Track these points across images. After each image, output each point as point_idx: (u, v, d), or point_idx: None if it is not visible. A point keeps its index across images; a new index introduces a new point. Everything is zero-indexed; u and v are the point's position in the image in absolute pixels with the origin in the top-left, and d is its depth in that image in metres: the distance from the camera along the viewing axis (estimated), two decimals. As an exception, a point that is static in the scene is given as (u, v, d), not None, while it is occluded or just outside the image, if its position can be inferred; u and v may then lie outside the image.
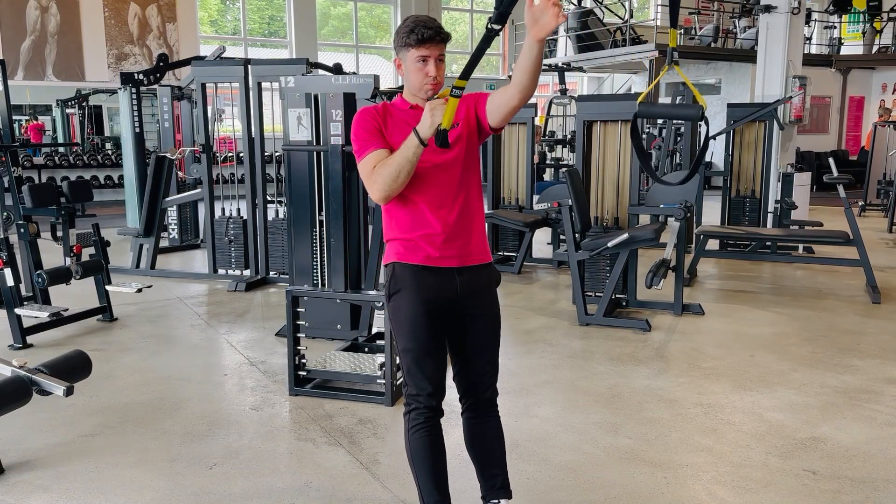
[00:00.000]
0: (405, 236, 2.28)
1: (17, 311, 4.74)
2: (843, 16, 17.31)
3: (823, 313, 5.65)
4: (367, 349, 4.34)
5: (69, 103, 14.39)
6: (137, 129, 8.77)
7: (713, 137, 8.97)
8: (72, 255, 5.25)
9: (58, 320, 5.02)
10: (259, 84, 6.45)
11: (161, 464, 3.12)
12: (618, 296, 5.67)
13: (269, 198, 7.17)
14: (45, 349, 4.70)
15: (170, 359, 4.57)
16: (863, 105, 18.91)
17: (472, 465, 2.48)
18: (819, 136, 18.18)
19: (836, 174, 6.52)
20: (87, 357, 3.06)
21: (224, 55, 7.98)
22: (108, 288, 5.38)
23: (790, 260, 7.46)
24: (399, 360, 2.36)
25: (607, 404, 3.78)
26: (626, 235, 5.07)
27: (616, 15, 16.10)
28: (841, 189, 6.42)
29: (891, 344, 4.85)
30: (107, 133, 15.25)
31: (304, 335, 4.03)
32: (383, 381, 3.77)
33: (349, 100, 3.87)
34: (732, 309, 5.80)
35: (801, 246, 8.09)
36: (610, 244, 5.11)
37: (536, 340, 4.94)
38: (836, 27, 17.77)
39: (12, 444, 3.31)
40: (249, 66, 6.47)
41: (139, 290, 5.39)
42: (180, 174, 8.97)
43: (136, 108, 8.69)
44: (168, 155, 7.11)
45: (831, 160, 7.26)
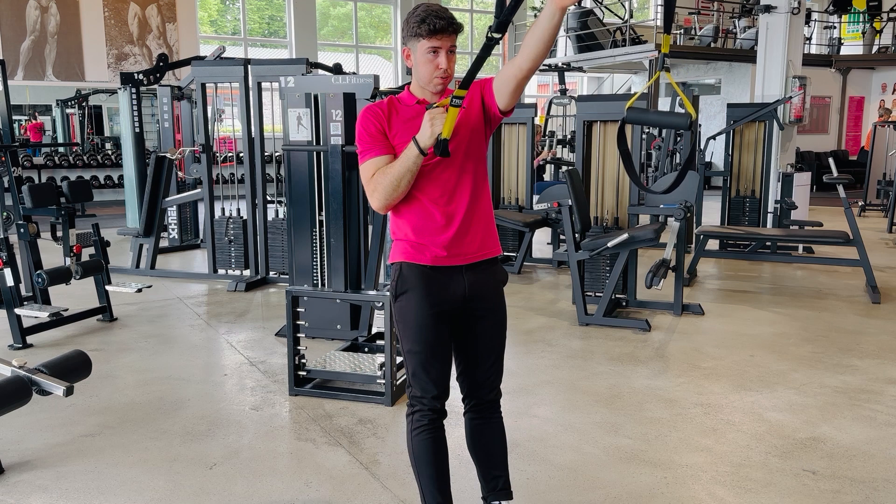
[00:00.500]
0: (413, 236, 2.23)
1: (17, 311, 4.74)
2: (843, 16, 17.32)
3: (823, 313, 5.65)
4: (367, 349, 4.34)
5: (69, 103, 14.39)
6: (137, 129, 8.76)
7: (713, 137, 9.03)
8: (72, 255, 5.25)
9: (58, 320, 5.02)
10: (259, 84, 6.45)
11: (161, 464, 3.12)
12: (618, 296, 5.67)
13: (269, 198, 7.17)
14: (44, 349, 4.70)
15: (170, 359, 4.57)
16: (863, 105, 18.92)
17: (472, 466, 2.48)
18: (819, 136, 18.19)
19: (835, 174, 6.52)
20: (86, 357, 3.06)
21: (224, 55, 7.99)
22: (107, 288, 5.38)
23: (790, 260, 7.46)
24: (404, 360, 2.34)
25: (607, 404, 3.78)
26: (626, 235, 5.07)
27: (616, 15, 16.11)
28: (841, 189, 6.42)
29: (891, 344, 4.85)
30: (107, 133, 15.24)
31: (304, 335, 4.02)
32: (383, 381, 3.77)
33: (349, 100, 3.87)
34: (732, 309, 5.80)
35: (800, 246, 8.09)
36: (610, 244, 5.11)
37: (536, 340, 4.94)
38: (835, 27, 17.78)
39: (12, 444, 3.31)
40: (249, 66, 6.47)
41: (139, 290, 5.39)
42: (180, 174, 8.97)
43: (135, 108, 8.69)
44: (168, 155, 7.11)
45: (831, 160, 7.26)
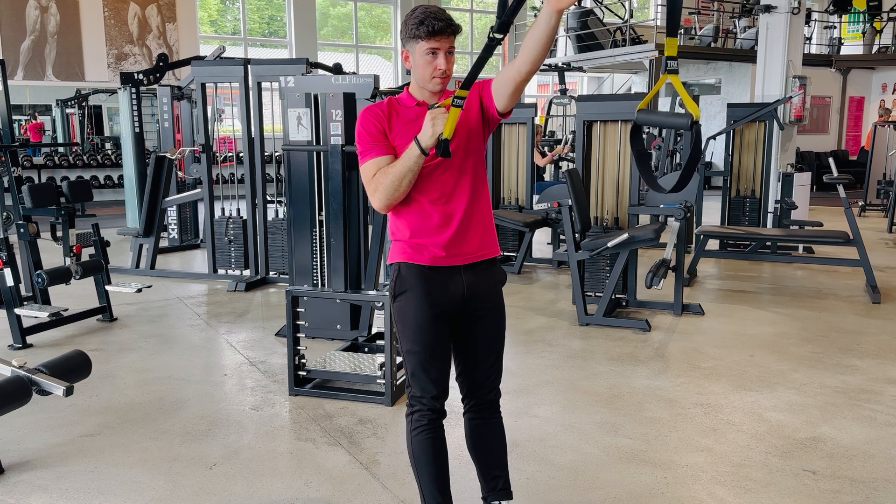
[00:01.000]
0: (412, 237, 2.24)
1: (17, 311, 4.74)
2: (843, 16, 17.32)
3: (823, 313, 5.65)
4: (366, 349, 4.34)
5: (69, 103, 14.39)
6: (137, 129, 8.76)
7: (713, 137, 9.03)
8: (72, 255, 5.25)
9: (57, 320, 5.02)
10: (259, 84, 6.45)
11: (161, 464, 3.12)
12: (618, 296, 5.67)
13: (269, 198, 7.17)
14: (44, 349, 4.70)
15: (170, 359, 4.57)
16: (863, 105, 18.91)
17: (472, 466, 2.48)
18: (819, 136, 18.18)
19: (836, 174, 6.52)
20: (86, 357, 3.06)
21: (224, 55, 7.99)
22: (107, 288, 5.38)
23: (790, 260, 7.46)
24: (403, 361, 2.34)
25: (607, 404, 3.78)
26: (626, 235, 5.07)
27: (616, 15, 16.10)
28: (841, 189, 6.42)
29: (891, 344, 4.85)
30: (107, 133, 15.24)
31: (304, 335, 4.02)
32: (383, 381, 3.77)
33: (349, 100, 3.87)
34: (732, 309, 5.80)
35: (801, 246, 8.09)
36: (610, 244, 5.11)
37: (536, 340, 4.94)
38: (836, 27, 17.78)
39: (12, 444, 3.31)
40: (249, 66, 6.47)
41: (139, 290, 5.39)
42: (180, 174, 8.97)
43: (135, 108, 8.69)
44: (168, 155, 7.11)
45: (831, 160, 7.26)
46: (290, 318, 3.88)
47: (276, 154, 10.68)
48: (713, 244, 7.73)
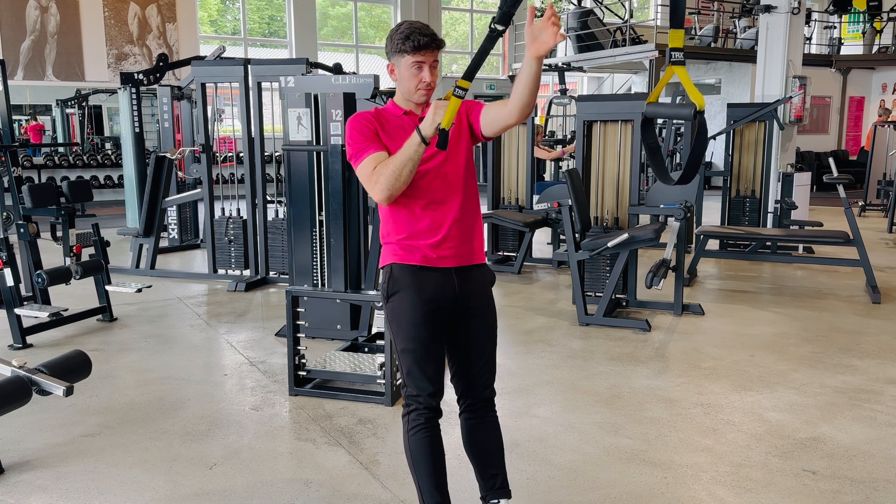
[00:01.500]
0: (402, 238, 2.28)
1: (17, 311, 4.74)
2: (843, 16, 17.32)
3: (823, 313, 5.65)
4: (366, 349, 4.34)
5: (69, 103, 14.39)
6: (137, 129, 8.76)
7: (713, 137, 9.02)
8: (72, 255, 5.25)
9: (57, 320, 5.02)
10: (259, 84, 6.45)
11: (161, 464, 3.12)
12: (618, 296, 5.67)
13: (269, 198, 7.17)
14: (44, 349, 4.70)
15: (170, 359, 4.57)
16: (863, 105, 18.91)
17: (471, 466, 2.48)
18: (819, 136, 18.18)
19: (836, 174, 6.51)
20: (86, 357, 3.06)
21: (224, 55, 7.99)
22: (107, 288, 5.38)
23: (790, 260, 7.46)
24: (398, 361, 2.36)
25: (607, 404, 3.78)
26: (626, 235, 5.07)
27: (616, 15, 16.10)
28: (841, 189, 6.42)
29: (891, 344, 4.85)
30: (107, 133, 15.25)
31: (304, 335, 4.02)
32: (383, 381, 3.77)
33: (349, 100, 3.87)
34: (732, 309, 5.80)
35: (801, 246, 8.09)
36: (610, 244, 5.11)
37: (536, 340, 4.94)
38: (836, 27, 17.78)
39: (12, 444, 3.31)
40: (249, 66, 6.47)
41: (139, 290, 5.39)
42: (180, 174, 8.97)
43: (135, 108, 8.69)
44: (168, 155, 7.11)
45: (831, 160, 7.26)
46: (290, 318, 3.88)
47: (276, 154, 10.67)
48: (713, 244, 7.73)
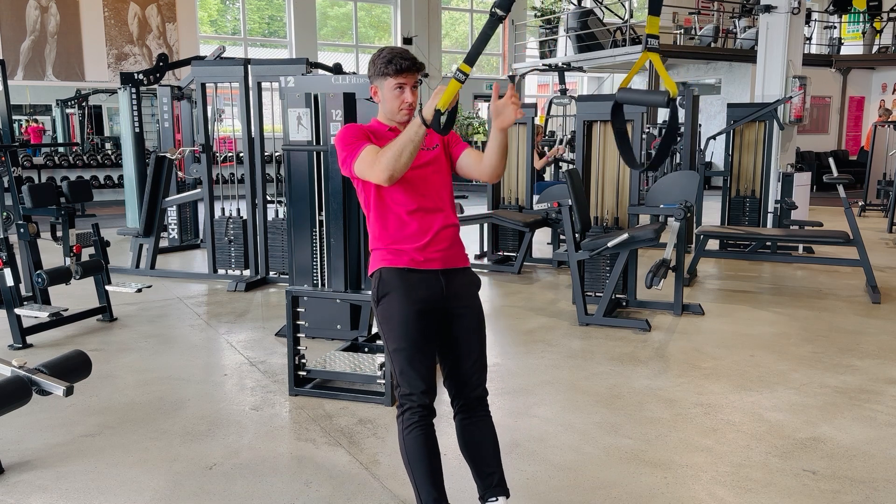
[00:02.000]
0: (390, 243, 2.38)
1: (17, 311, 4.74)
2: (843, 16, 17.32)
3: (823, 313, 5.65)
4: (366, 349, 4.34)
5: (69, 103, 14.39)
6: (137, 129, 8.76)
7: (713, 137, 9.03)
8: (72, 255, 5.25)
9: (57, 320, 5.02)
10: (259, 84, 6.45)
11: (161, 464, 3.12)
12: (618, 296, 5.67)
13: (269, 198, 7.17)
14: (44, 349, 4.70)
15: (170, 359, 4.57)
16: (863, 105, 18.91)
17: (469, 467, 2.48)
18: (819, 136, 18.18)
19: (836, 174, 6.51)
20: (86, 357, 3.06)
21: (224, 55, 7.99)
22: (107, 288, 5.38)
23: (790, 260, 7.46)
24: (391, 361, 2.41)
25: (607, 404, 3.78)
26: (626, 235, 5.07)
27: (616, 15, 16.11)
28: (841, 189, 6.42)
29: (891, 344, 4.85)
30: (107, 133, 15.25)
31: (304, 335, 4.02)
32: (383, 381, 3.77)
33: (349, 100, 3.87)
34: (732, 309, 5.80)
35: (801, 246, 8.09)
36: (610, 244, 5.11)
37: (536, 340, 4.94)
38: (836, 27, 17.78)
39: (12, 444, 3.31)
40: (249, 66, 6.47)
41: (139, 290, 5.39)
42: (180, 174, 8.97)
43: (135, 108, 8.69)
44: (168, 155, 7.11)
45: (831, 160, 7.26)
46: (290, 318, 3.88)
47: (276, 154, 10.67)
48: (713, 244, 7.73)
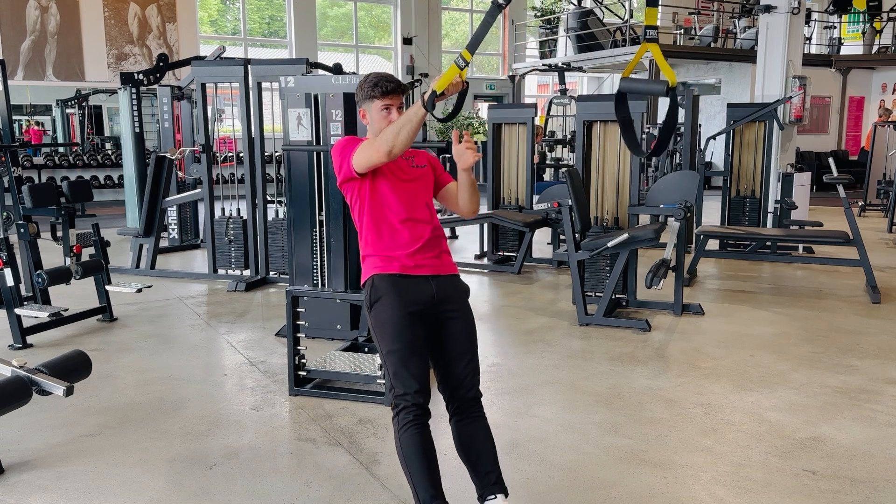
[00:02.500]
0: (382, 250, 2.47)
1: (17, 311, 4.74)
2: (843, 16, 17.32)
3: (823, 313, 5.65)
4: (367, 349, 4.34)
5: (69, 103, 14.39)
6: (137, 129, 8.76)
7: (713, 137, 9.03)
8: (72, 255, 5.25)
9: (58, 320, 5.02)
10: (259, 84, 6.45)
11: (161, 464, 3.12)
12: (618, 296, 5.67)
13: (269, 198, 7.17)
14: (44, 349, 4.70)
15: (170, 359, 4.57)
16: (863, 105, 18.91)
17: (467, 470, 2.49)
18: (819, 136, 18.19)
19: (835, 174, 6.51)
20: (86, 357, 3.07)
21: (224, 55, 7.99)
22: (107, 288, 5.38)
23: (790, 260, 7.46)
24: (384, 364, 2.46)
25: (607, 404, 3.78)
26: (626, 235, 5.07)
27: (616, 15, 16.11)
28: (841, 189, 6.42)
29: (891, 344, 4.85)
30: (107, 133, 15.25)
31: (304, 335, 4.02)
32: (383, 381, 3.77)
33: (349, 100, 3.87)
34: (732, 309, 5.80)
35: (801, 246, 8.09)
36: (610, 244, 5.11)
37: (536, 340, 4.94)
38: (835, 27, 17.78)
39: (12, 444, 3.31)
40: (249, 66, 6.47)
41: (139, 290, 5.39)
42: (180, 174, 8.97)
43: (136, 108, 8.69)
44: (168, 155, 7.11)
45: (831, 160, 7.26)
46: (290, 318, 3.88)
47: (276, 154, 10.68)
48: (713, 244, 7.73)
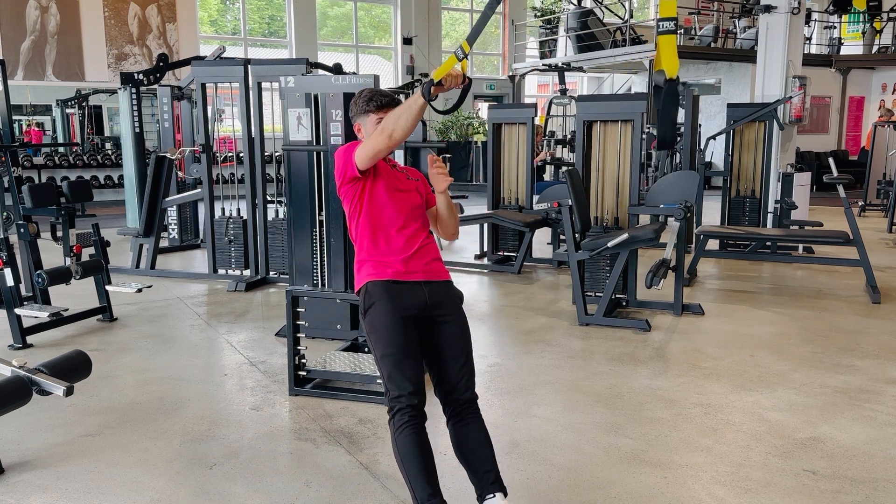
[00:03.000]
0: (376, 256, 2.52)
1: (17, 311, 4.74)
2: (843, 16, 17.32)
3: (823, 313, 5.65)
4: (366, 349, 4.34)
5: (69, 103, 14.39)
6: (137, 129, 8.77)
7: (713, 137, 9.03)
8: (72, 255, 5.25)
9: (58, 320, 5.02)
10: (259, 84, 6.45)
11: (161, 464, 3.12)
12: (618, 296, 5.67)
13: (269, 198, 7.17)
14: (44, 349, 4.70)
15: (170, 359, 4.57)
16: (863, 105, 18.92)
17: (465, 471, 2.50)
18: (819, 136, 18.19)
19: (835, 174, 6.51)
20: (86, 357, 3.07)
21: (224, 55, 7.99)
22: (107, 288, 5.38)
23: (790, 260, 7.46)
24: (379, 368, 2.47)
25: (607, 404, 3.78)
26: (626, 235, 5.07)
27: (616, 15, 16.10)
28: (841, 189, 6.42)
29: (891, 344, 4.85)
30: (107, 133, 15.25)
31: (304, 335, 4.02)
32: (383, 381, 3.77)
33: (349, 100, 3.86)
34: (732, 309, 5.80)
35: (801, 246, 8.09)
36: (610, 244, 5.11)
37: (536, 340, 4.94)
38: (835, 27, 17.78)
39: (12, 444, 3.31)
40: (249, 66, 6.47)
41: (139, 290, 5.39)
42: (180, 174, 8.97)
43: (136, 108, 8.70)
44: (168, 155, 7.11)
45: (831, 160, 7.26)
46: (290, 318, 3.88)
47: (276, 154, 10.68)
48: (713, 244, 7.73)
